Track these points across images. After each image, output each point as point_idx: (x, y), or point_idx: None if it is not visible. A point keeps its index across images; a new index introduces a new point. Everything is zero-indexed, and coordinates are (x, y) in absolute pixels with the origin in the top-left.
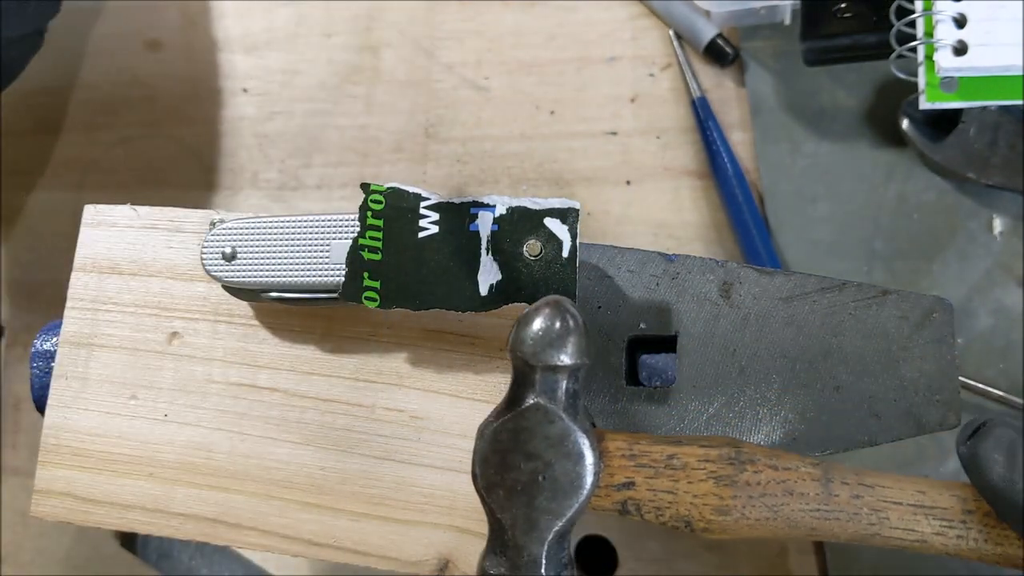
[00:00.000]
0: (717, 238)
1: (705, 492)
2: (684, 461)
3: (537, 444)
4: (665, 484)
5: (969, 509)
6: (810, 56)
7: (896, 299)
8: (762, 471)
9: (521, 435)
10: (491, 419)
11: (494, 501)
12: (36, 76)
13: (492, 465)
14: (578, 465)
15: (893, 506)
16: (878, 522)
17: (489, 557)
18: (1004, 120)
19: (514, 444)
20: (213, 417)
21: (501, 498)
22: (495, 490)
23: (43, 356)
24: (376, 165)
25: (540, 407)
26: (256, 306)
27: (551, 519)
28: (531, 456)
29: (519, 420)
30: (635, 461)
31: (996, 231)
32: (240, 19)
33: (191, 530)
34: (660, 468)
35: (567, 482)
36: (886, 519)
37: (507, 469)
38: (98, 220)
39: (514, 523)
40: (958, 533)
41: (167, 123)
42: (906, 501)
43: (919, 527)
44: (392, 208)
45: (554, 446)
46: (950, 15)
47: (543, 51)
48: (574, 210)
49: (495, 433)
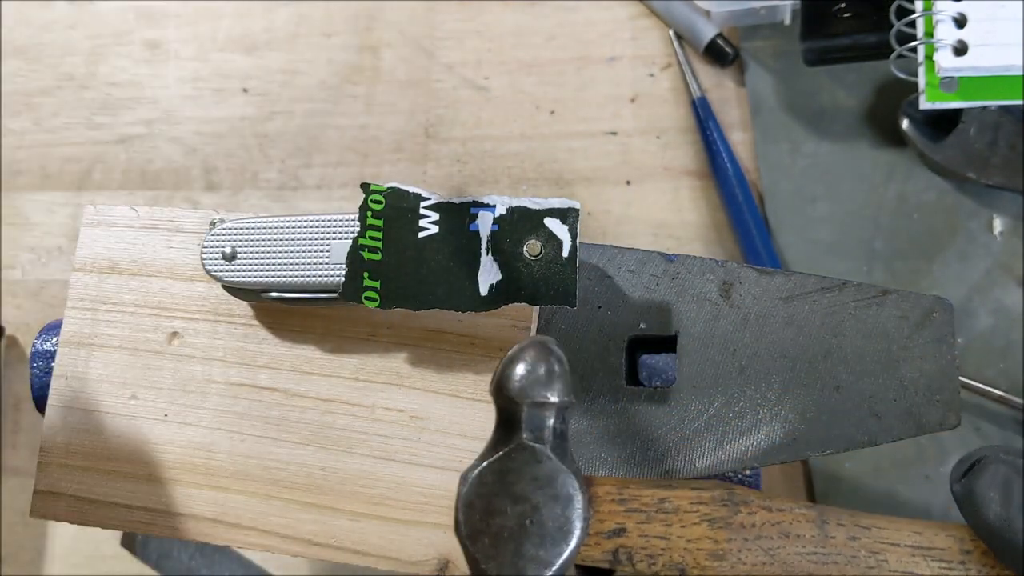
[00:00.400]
0: (717, 238)
1: (699, 536)
2: (676, 504)
3: (525, 486)
4: (658, 529)
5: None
6: (810, 56)
7: (896, 299)
8: (756, 512)
9: (508, 476)
10: (474, 464)
11: (479, 550)
12: (36, 76)
13: (477, 511)
14: (567, 509)
15: (891, 547)
16: (876, 565)
17: None
18: (1004, 120)
19: (500, 487)
20: (213, 417)
21: (487, 546)
22: (480, 538)
23: (43, 356)
24: (376, 165)
25: (527, 447)
26: (256, 306)
27: (539, 568)
28: (518, 499)
29: (505, 461)
30: (625, 506)
31: (996, 231)
32: (240, 19)
33: (191, 530)
34: (652, 512)
35: (556, 528)
36: (884, 562)
37: (493, 514)
38: (98, 220)
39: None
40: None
41: (167, 123)
42: (904, 542)
43: (918, 569)
44: (392, 208)
45: (542, 487)
46: (950, 15)
47: (543, 51)
48: (574, 210)
49: (480, 476)
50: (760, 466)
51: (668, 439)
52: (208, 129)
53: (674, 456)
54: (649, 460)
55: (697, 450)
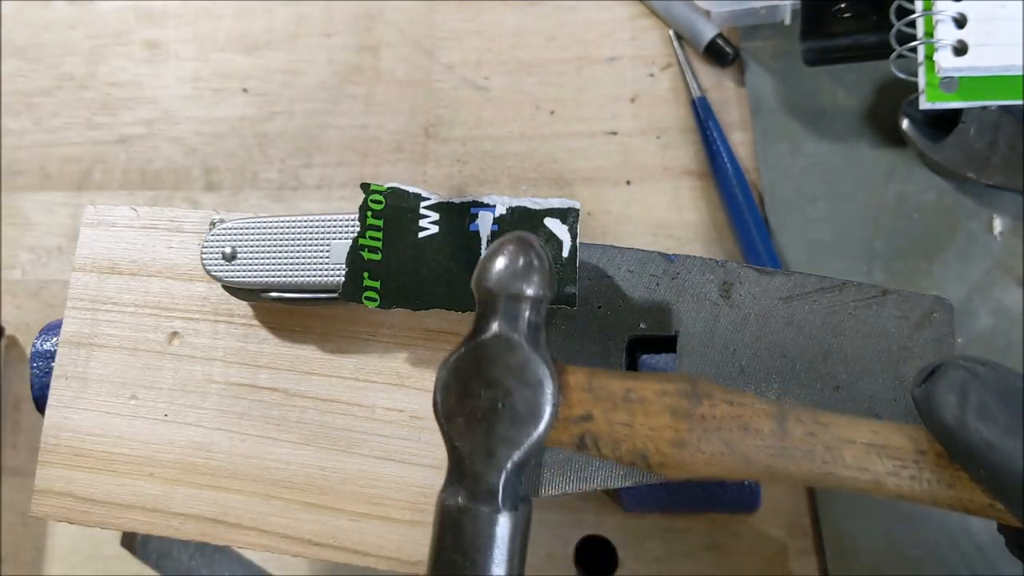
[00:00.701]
0: (717, 238)
1: (661, 425)
2: (642, 395)
3: (498, 372)
4: (622, 417)
5: (922, 450)
6: (810, 56)
7: (896, 299)
8: (718, 406)
9: (483, 363)
10: (454, 350)
11: (453, 430)
12: (36, 76)
13: (453, 393)
14: (537, 394)
15: (847, 445)
16: (832, 460)
17: (447, 488)
18: (1004, 120)
19: (475, 372)
20: (213, 417)
21: (461, 426)
22: (455, 418)
23: (43, 356)
24: (376, 165)
25: (502, 336)
26: (256, 306)
27: (509, 448)
28: (491, 384)
29: (481, 348)
30: (593, 394)
31: (996, 231)
32: (240, 19)
33: (191, 530)
34: (618, 401)
35: (526, 411)
36: (840, 457)
37: (467, 397)
38: (98, 220)
39: (472, 452)
40: (911, 473)
41: (167, 123)
42: (860, 440)
43: (872, 466)
44: (392, 208)
45: (515, 374)
46: (950, 15)
47: (543, 51)
48: (574, 210)
49: (457, 361)
50: None
51: None
52: (208, 129)
53: None
54: None
55: None
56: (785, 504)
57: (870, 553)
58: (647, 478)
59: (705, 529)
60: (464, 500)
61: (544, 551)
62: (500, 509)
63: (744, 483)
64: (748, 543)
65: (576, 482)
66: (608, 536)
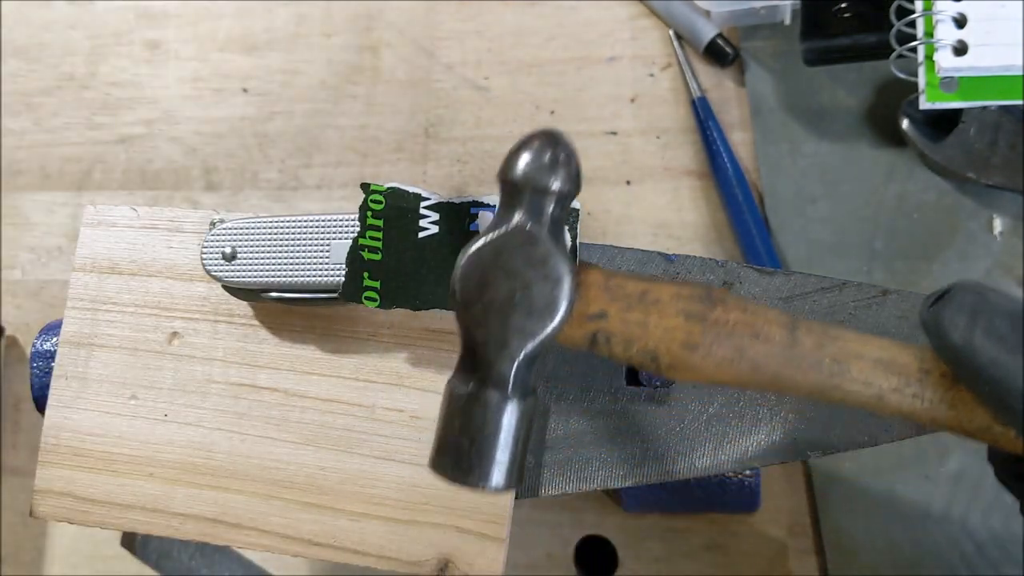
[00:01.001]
0: (717, 238)
1: (675, 326)
2: (657, 296)
3: (518, 263)
4: (637, 316)
5: (927, 369)
6: (810, 56)
7: (896, 299)
8: (732, 312)
9: (503, 254)
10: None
11: (470, 318)
12: (36, 76)
13: (472, 281)
14: (555, 288)
15: (855, 359)
16: (839, 373)
17: (458, 375)
18: (1004, 120)
19: (495, 262)
20: (213, 417)
21: (477, 314)
22: (472, 306)
23: (43, 356)
24: (376, 165)
25: (524, 228)
26: (256, 306)
27: (523, 339)
28: (511, 274)
29: (503, 239)
30: (610, 293)
31: (996, 231)
32: (240, 19)
33: (191, 530)
34: (634, 301)
35: (543, 303)
36: (847, 370)
37: (486, 286)
38: (98, 220)
39: (487, 340)
40: (914, 391)
41: (167, 123)
42: (868, 355)
43: (877, 381)
44: (392, 208)
45: (534, 267)
46: (950, 15)
47: (543, 51)
48: (574, 210)
49: (479, 250)
50: (760, 466)
51: (668, 439)
52: (208, 129)
53: (674, 456)
54: (649, 460)
55: (697, 450)
56: (785, 504)
57: (870, 553)
58: (647, 477)
59: (705, 529)
60: (475, 386)
61: (544, 551)
62: (509, 397)
63: (744, 483)
64: (748, 543)
65: (576, 482)
66: (608, 536)
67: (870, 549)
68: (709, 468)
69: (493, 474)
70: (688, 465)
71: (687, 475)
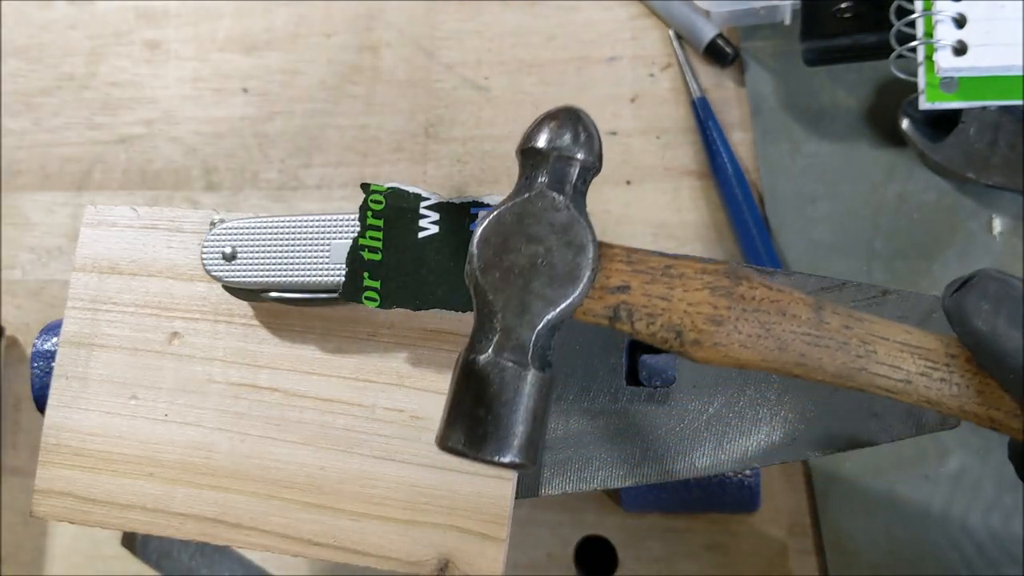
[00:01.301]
0: (717, 238)
1: (700, 300)
2: (681, 271)
3: (541, 229)
4: (660, 290)
5: (953, 354)
6: (810, 56)
7: (896, 299)
8: (757, 288)
9: (526, 219)
10: (494, 206)
11: (488, 283)
12: (36, 76)
13: (492, 246)
14: (578, 256)
15: (881, 341)
16: (866, 355)
17: (471, 348)
18: (1004, 120)
19: (518, 227)
20: (213, 417)
21: (496, 279)
22: (491, 271)
23: (43, 356)
24: (376, 165)
25: (548, 194)
26: (256, 306)
27: (544, 306)
28: (533, 239)
29: (526, 205)
30: (632, 267)
31: (996, 231)
32: (240, 19)
33: (191, 530)
34: (657, 275)
35: (565, 271)
36: (874, 352)
37: (507, 251)
38: (98, 220)
39: (506, 305)
40: (942, 376)
41: (167, 123)
42: (894, 338)
43: (905, 364)
44: (392, 208)
45: (557, 233)
46: (950, 15)
47: (543, 51)
48: None
49: (499, 215)
50: (760, 466)
51: (668, 439)
52: (208, 129)
53: (674, 456)
54: (649, 460)
55: (697, 450)
56: (785, 504)
57: (870, 553)
58: (647, 477)
59: (705, 529)
60: (493, 354)
61: (544, 551)
62: (528, 366)
63: (744, 483)
64: (748, 543)
65: (576, 482)
66: (608, 536)
67: (870, 549)
68: (709, 468)
69: (510, 445)
70: (688, 465)
71: (687, 475)
